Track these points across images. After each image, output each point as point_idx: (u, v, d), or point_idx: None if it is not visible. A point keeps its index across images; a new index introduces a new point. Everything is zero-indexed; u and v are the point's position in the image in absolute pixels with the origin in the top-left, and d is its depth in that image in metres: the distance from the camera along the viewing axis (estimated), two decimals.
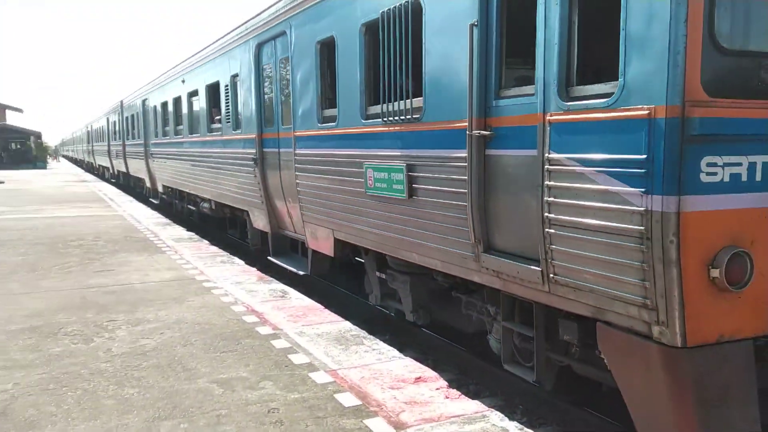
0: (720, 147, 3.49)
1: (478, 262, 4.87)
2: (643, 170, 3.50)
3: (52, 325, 6.57)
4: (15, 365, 5.39)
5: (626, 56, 3.59)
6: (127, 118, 24.35)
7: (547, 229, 4.13)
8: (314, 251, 8.05)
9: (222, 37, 11.34)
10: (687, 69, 3.35)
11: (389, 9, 5.72)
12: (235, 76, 10.43)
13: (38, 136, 62.38)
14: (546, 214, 4.12)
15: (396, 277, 6.58)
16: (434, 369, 5.51)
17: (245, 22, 9.97)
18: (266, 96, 9.28)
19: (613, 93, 3.67)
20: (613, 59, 3.65)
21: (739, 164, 3.56)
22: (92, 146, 42.49)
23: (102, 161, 36.20)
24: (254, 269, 9.47)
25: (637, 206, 3.54)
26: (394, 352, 5.74)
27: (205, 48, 12.50)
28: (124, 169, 26.46)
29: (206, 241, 12.25)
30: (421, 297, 6.44)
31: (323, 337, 6.13)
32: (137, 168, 22.46)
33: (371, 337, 6.16)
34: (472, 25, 4.63)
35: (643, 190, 3.51)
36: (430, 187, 5.36)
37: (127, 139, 24.49)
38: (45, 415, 4.41)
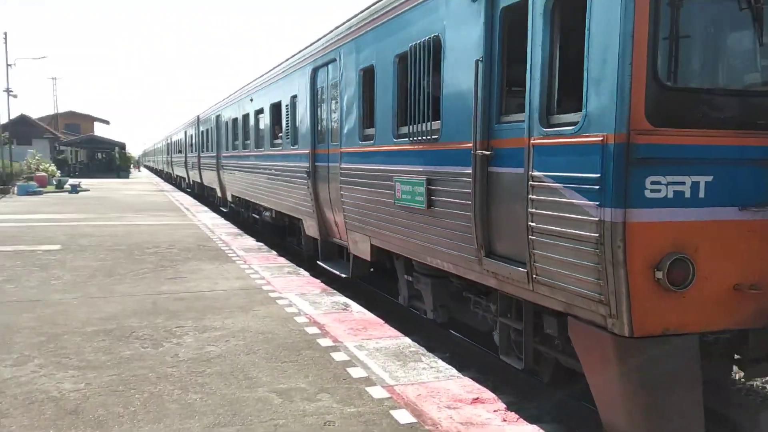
0: (663, 168, 4.08)
1: (481, 265, 5.59)
2: (597, 186, 4.16)
3: (124, 329, 6.86)
4: (88, 366, 5.65)
5: (587, 92, 4.26)
6: (202, 132, 25.84)
7: (530, 236, 4.83)
8: (355, 256, 9.02)
9: (285, 61, 12.55)
10: (632, 103, 3.96)
11: (417, 43, 6.60)
12: (294, 97, 11.57)
13: (122, 146, 65.46)
14: (530, 223, 4.81)
15: (420, 279, 7.46)
16: (493, 391, 5.41)
17: (303, 49, 11.18)
18: (319, 115, 10.33)
19: (578, 122, 4.36)
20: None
21: (683, 183, 4.15)
22: (171, 157, 44.66)
23: (179, 172, 38.19)
24: (318, 281, 9.59)
25: (593, 216, 4.20)
26: (453, 371, 5.67)
27: (272, 69, 13.76)
28: (198, 180, 27.96)
29: (274, 252, 12.52)
30: (440, 297, 7.23)
31: (382, 351, 6.13)
32: (210, 179, 23.81)
33: (430, 354, 6.11)
34: (477, 61, 5.43)
35: (597, 203, 4.17)
36: (445, 199, 6.18)
37: (202, 152, 25.93)
38: (113, 415, 4.60)
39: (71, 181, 36.67)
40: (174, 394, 5.04)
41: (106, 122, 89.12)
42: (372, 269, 9.43)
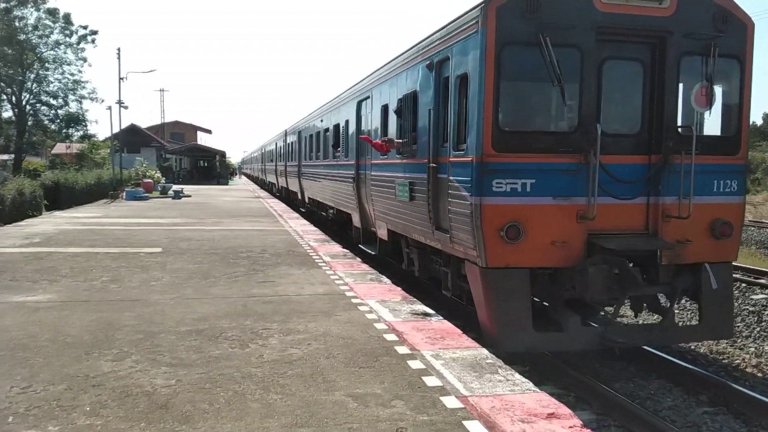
0: (503, 175, 7.38)
1: (433, 235, 8.97)
2: (470, 185, 7.56)
3: (215, 329, 7.22)
4: (180, 364, 6.01)
5: (468, 132, 7.76)
6: (288, 144, 29.95)
7: (449, 215, 8.23)
8: (380, 239, 12.53)
9: (343, 93, 16.88)
10: (484, 140, 7.34)
11: (406, 93, 10.25)
12: (347, 121, 15.51)
13: (222, 154, 68.47)
14: (449, 207, 8.22)
15: (412, 250, 10.88)
16: (571, 407, 5.31)
17: (351, 87, 15.48)
18: (361, 134, 13.77)
19: (465, 149, 7.81)
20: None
21: (515, 182, 7.38)
22: (264, 165, 49.27)
23: (271, 178, 42.76)
24: (399, 289, 9.68)
25: (468, 201, 7.58)
26: (530, 384, 5.59)
27: (335, 98, 18.01)
28: (285, 185, 32.08)
29: (359, 259, 12.74)
30: (422, 261, 10.47)
31: (458, 362, 6.13)
32: (294, 184, 27.88)
33: (506, 366, 6.04)
34: (430, 109, 9.06)
35: (470, 194, 7.56)
36: (417, 194, 9.56)
37: (288, 161, 30.00)
38: (199, 411, 4.88)
39: (174, 187, 38.72)
40: (256, 393, 5.28)
41: (209, 131, 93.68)
42: (392, 249, 12.54)
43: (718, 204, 7.95)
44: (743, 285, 14.39)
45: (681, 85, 7.95)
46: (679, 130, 7.87)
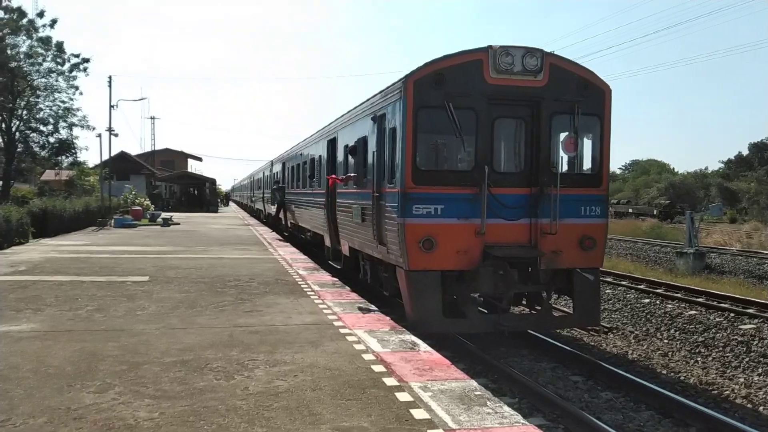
0: (420, 202, 9.61)
1: (377, 249, 11.04)
2: (397, 209, 9.80)
3: (200, 360, 7.11)
4: (164, 396, 5.90)
5: (396, 170, 10.03)
6: (274, 173, 32.40)
7: (385, 232, 10.44)
8: (345, 255, 14.60)
9: (317, 132, 19.61)
10: (406, 176, 9.66)
11: (360, 137, 12.59)
12: (320, 156, 18.12)
13: (212, 182, 68.32)
14: (385, 225, 10.43)
15: (366, 262, 13.08)
16: None
17: (324, 127, 18.10)
18: (331, 167, 16.32)
19: (395, 182, 10.01)
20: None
21: (429, 207, 9.61)
22: (253, 193, 52.25)
23: (259, 205, 44.47)
24: (388, 318, 9.61)
25: (396, 221, 9.81)
26: (518, 417, 5.52)
27: (311, 135, 20.71)
28: (271, 212, 33.25)
29: (347, 288, 12.66)
30: (372, 270, 12.71)
31: (446, 393, 6.06)
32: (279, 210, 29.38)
33: (495, 399, 5.97)
34: (373, 152, 11.44)
35: (397, 215, 9.82)
36: (367, 217, 11.66)
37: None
38: None
39: (163, 214, 38.44)
40: (240, 427, 5.18)
41: (199, 159, 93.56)
42: (353, 265, 14.48)
43: (585, 224, 10.15)
44: (732, 315, 14.41)
45: (553, 136, 10.18)
46: (552, 169, 10.04)
